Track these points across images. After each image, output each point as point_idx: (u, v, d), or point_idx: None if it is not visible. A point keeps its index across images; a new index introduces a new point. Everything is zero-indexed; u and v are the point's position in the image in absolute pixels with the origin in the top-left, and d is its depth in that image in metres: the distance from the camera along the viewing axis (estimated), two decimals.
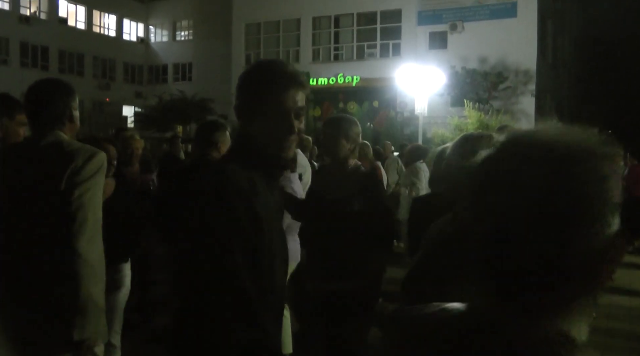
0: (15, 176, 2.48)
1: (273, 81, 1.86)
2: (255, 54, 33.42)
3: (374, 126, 26.33)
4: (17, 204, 2.45)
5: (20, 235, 2.45)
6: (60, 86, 2.65)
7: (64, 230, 2.38)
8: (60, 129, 2.56)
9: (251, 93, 1.89)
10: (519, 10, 26.44)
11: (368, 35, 30.45)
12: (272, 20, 32.45)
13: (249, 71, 1.95)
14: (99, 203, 2.52)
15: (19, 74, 33.48)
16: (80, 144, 2.57)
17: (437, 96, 23.37)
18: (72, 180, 2.41)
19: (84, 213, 2.42)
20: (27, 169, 2.47)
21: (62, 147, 2.50)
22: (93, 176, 2.47)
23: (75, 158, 2.46)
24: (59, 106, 2.56)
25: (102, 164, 2.54)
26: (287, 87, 1.86)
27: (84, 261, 2.39)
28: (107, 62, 39.49)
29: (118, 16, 40.33)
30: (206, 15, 37.85)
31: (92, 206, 2.46)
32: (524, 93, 26.37)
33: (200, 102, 33.37)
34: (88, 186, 2.45)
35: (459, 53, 26.59)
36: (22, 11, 34.27)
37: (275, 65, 1.93)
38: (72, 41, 36.40)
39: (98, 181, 2.51)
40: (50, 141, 2.51)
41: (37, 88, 2.60)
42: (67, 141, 2.55)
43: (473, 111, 21.56)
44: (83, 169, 2.44)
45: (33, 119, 2.58)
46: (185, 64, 40.39)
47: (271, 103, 1.85)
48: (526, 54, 25.87)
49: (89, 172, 2.46)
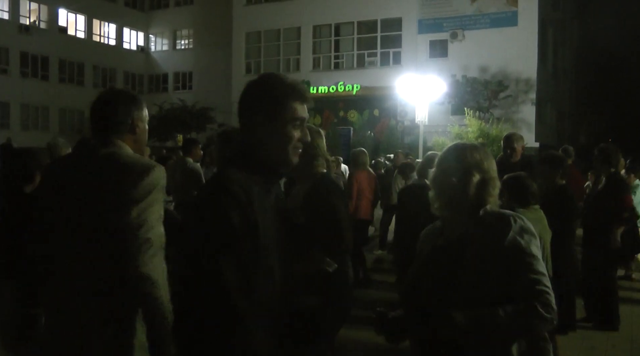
0: (72, 187, 2.37)
1: (272, 92, 1.95)
2: (255, 62, 33.46)
3: (375, 134, 26.31)
4: (72, 217, 2.34)
5: (80, 248, 2.33)
6: (122, 95, 2.57)
7: (126, 249, 2.24)
8: (119, 139, 2.44)
9: (251, 103, 1.98)
10: (520, 19, 26.48)
11: (368, 44, 30.48)
12: (273, 28, 32.50)
13: (251, 83, 2.04)
14: (158, 220, 2.36)
15: (19, 83, 33.51)
16: (137, 157, 2.43)
17: (438, 104, 23.35)
18: (127, 196, 2.27)
19: (145, 231, 2.27)
20: (85, 180, 2.35)
21: (118, 159, 2.37)
22: (151, 192, 2.32)
23: (129, 172, 2.32)
24: (118, 114, 2.46)
25: (160, 180, 2.38)
26: (285, 98, 1.95)
27: (148, 281, 2.25)
28: (108, 71, 39.50)
29: (118, 25, 40.36)
30: (206, 24, 37.89)
31: (152, 223, 2.30)
32: (525, 102, 26.37)
33: (200, 111, 33.37)
34: (146, 204, 2.29)
35: (460, 62, 26.61)
36: (21, 21, 34.27)
37: (275, 77, 2.02)
38: (72, 50, 36.40)
39: (157, 198, 2.36)
40: (109, 151, 2.39)
41: (102, 97, 2.53)
42: (124, 153, 2.42)
43: (473, 119, 21.51)
44: (139, 185, 2.30)
45: (94, 129, 2.49)
46: (185, 72, 40.42)
47: (270, 113, 1.94)
48: (527, 63, 25.88)
49: (146, 187, 2.31)
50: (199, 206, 1.90)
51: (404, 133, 26.27)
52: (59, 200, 2.39)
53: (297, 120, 1.96)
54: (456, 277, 2.04)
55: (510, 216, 2.10)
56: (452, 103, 25.54)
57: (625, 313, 6.43)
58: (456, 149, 2.26)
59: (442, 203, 2.20)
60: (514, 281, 1.99)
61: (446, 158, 2.25)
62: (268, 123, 1.94)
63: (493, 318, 1.93)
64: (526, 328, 1.97)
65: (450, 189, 2.16)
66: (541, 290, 1.98)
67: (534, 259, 2.03)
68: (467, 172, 2.14)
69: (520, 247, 2.02)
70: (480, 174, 2.16)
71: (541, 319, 1.95)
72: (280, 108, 1.94)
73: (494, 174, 2.21)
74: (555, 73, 31.94)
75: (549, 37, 29.54)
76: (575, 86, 37.99)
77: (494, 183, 2.18)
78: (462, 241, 2.12)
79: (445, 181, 2.19)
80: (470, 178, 2.14)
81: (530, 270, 2.01)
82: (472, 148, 2.24)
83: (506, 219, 2.09)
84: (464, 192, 2.14)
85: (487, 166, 2.19)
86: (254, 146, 1.96)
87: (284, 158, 1.97)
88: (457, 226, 2.17)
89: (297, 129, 1.97)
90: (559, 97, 32.96)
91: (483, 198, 2.15)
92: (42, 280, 2.45)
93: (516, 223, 2.06)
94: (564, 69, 34.49)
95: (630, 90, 39.21)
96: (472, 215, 2.15)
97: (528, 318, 1.95)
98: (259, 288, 1.82)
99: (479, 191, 2.15)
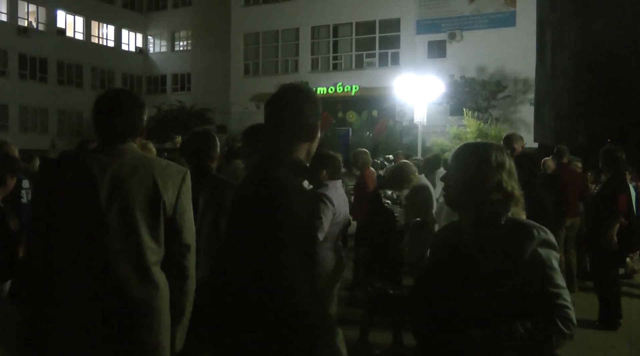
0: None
1: (318, 105, 2.22)
2: (254, 63, 33.44)
3: (373, 135, 26.28)
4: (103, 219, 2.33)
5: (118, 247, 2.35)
6: (137, 98, 2.59)
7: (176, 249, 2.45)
8: (133, 141, 2.50)
9: (299, 110, 2.18)
10: (518, 20, 26.48)
11: (367, 45, 30.46)
12: (271, 30, 32.48)
13: (279, 94, 2.22)
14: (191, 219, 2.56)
15: (18, 85, 33.47)
16: (166, 161, 2.55)
17: (436, 104, 23.34)
18: (176, 195, 2.45)
19: (191, 233, 2.50)
20: (124, 184, 2.36)
21: (160, 161, 2.49)
22: (185, 194, 2.49)
23: (167, 175, 2.44)
24: (135, 118, 2.49)
25: (187, 181, 2.52)
26: (314, 108, 2.21)
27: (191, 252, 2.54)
28: (106, 73, 39.43)
29: (116, 27, 40.29)
30: (205, 26, 37.84)
31: (190, 223, 2.51)
32: (523, 102, 26.37)
33: (199, 112, 33.34)
34: (183, 202, 2.46)
35: (458, 62, 26.60)
36: (20, 23, 34.21)
37: (303, 88, 2.27)
38: (71, 52, 36.34)
39: (188, 196, 2.53)
40: (139, 154, 2.47)
41: (116, 99, 2.51)
42: (147, 155, 2.53)
43: (472, 119, 21.49)
44: (182, 187, 2.47)
45: (111, 131, 2.46)
46: (184, 74, 40.36)
47: (315, 122, 2.20)
48: (525, 63, 25.88)
49: (182, 189, 2.48)
50: (264, 199, 2.02)
51: (403, 134, 26.25)
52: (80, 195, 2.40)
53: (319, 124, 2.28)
54: (469, 283, 1.97)
55: (533, 227, 2.01)
56: (451, 103, 25.53)
57: (625, 313, 6.43)
58: (480, 147, 2.16)
59: (462, 204, 2.12)
60: (533, 294, 1.93)
61: (468, 154, 2.14)
62: (310, 129, 2.19)
63: (511, 335, 1.88)
64: (544, 344, 1.91)
65: (469, 189, 2.06)
66: (561, 304, 1.92)
67: (554, 272, 1.95)
68: (491, 173, 2.04)
69: (541, 259, 1.94)
70: (509, 179, 2.06)
71: (560, 334, 1.90)
72: (309, 116, 2.19)
73: (517, 181, 2.10)
74: (553, 73, 31.95)
75: (547, 38, 29.54)
76: (573, 86, 38.01)
77: (518, 190, 2.08)
78: (479, 246, 2.03)
79: (463, 179, 2.09)
80: (494, 180, 2.03)
81: (550, 283, 1.94)
82: (498, 148, 2.12)
83: (528, 229, 2.00)
84: (485, 194, 2.03)
85: (512, 169, 2.09)
86: (282, 149, 2.16)
87: (308, 159, 2.25)
88: (474, 228, 2.08)
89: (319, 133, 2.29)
90: (558, 97, 32.97)
91: (505, 204, 2.05)
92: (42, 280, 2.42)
93: (538, 234, 1.98)
94: (562, 70, 34.50)
95: (629, 90, 39.24)
96: (493, 221, 2.05)
97: (547, 335, 1.89)
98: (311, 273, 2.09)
99: (507, 198, 2.04)
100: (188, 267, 2.49)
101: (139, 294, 2.33)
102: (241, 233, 2.06)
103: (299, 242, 2.01)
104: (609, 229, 6.07)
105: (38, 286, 2.38)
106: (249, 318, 1.99)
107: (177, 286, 2.47)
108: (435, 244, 2.32)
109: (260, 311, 1.96)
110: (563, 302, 1.93)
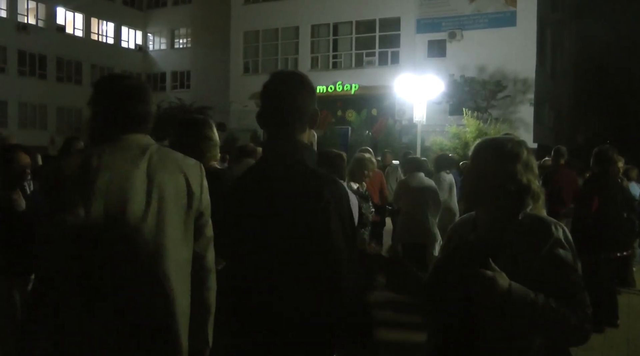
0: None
1: (305, 90, 2.21)
2: (253, 61, 33.42)
3: (373, 134, 26.26)
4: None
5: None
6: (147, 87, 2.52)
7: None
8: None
9: (305, 105, 2.18)
10: (518, 19, 26.46)
11: (367, 43, 30.45)
12: (271, 28, 32.44)
13: (276, 84, 2.26)
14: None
15: (17, 82, 33.42)
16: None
17: (436, 104, 23.33)
18: (200, 188, 2.36)
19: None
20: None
21: (181, 156, 2.41)
22: (206, 187, 2.41)
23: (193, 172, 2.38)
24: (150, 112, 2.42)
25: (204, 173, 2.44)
26: (313, 93, 2.24)
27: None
28: (105, 70, 39.26)
29: (116, 24, 40.27)
30: (204, 23, 37.82)
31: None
32: (523, 102, 26.36)
33: (198, 110, 33.27)
34: (206, 195, 2.38)
35: (458, 61, 26.59)
36: (19, 19, 34.16)
37: (297, 74, 2.29)
38: (70, 49, 36.30)
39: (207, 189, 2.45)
40: (164, 148, 2.41)
41: (137, 93, 2.36)
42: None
43: (471, 119, 21.48)
44: (203, 181, 2.40)
45: (134, 124, 2.37)
46: (183, 72, 40.33)
47: (305, 108, 2.18)
48: (525, 63, 25.86)
49: (203, 182, 2.40)
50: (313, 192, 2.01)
51: (402, 133, 26.22)
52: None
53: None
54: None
55: (552, 224, 1.95)
56: (450, 103, 25.53)
57: (623, 314, 6.42)
58: (497, 139, 2.11)
59: (478, 197, 2.07)
60: (550, 292, 1.83)
61: (484, 146, 2.10)
62: (314, 116, 2.22)
63: (538, 301, 1.80)
64: (563, 326, 1.83)
65: (483, 180, 2.02)
66: (579, 302, 1.86)
67: (572, 271, 1.90)
68: (505, 164, 1.99)
69: (560, 257, 1.89)
70: (525, 171, 2.00)
71: (577, 332, 1.86)
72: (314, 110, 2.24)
73: (537, 176, 2.05)
74: (553, 74, 31.93)
75: (547, 38, 29.52)
76: (573, 86, 37.98)
77: (536, 184, 2.03)
78: (496, 243, 1.96)
79: (478, 170, 2.05)
80: (507, 170, 1.98)
81: (569, 282, 1.88)
82: (515, 141, 2.07)
83: (547, 226, 1.94)
84: (499, 186, 1.99)
85: (531, 163, 2.04)
86: (306, 145, 2.19)
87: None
88: (492, 225, 2.03)
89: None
90: (557, 97, 32.95)
91: (524, 200, 1.99)
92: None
93: (557, 232, 1.93)
94: (562, 70, 34.47)
95: (629, 91, 39.20)
96: (510, 216, 1.99)
97: (569, 319, 1.82)
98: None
99: (522, 190, 1.99)
100: (211, 261, 2.40)
101: (179, 294, 2.21)
102: (286, 225, 2.02)
103: (348, 235, 2.02)
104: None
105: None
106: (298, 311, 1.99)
107: (203, 281, 2.36)
108: (449, 237, 2.27)
109: (312, 304, 1.96)
110: (581, 300, 1.87)
